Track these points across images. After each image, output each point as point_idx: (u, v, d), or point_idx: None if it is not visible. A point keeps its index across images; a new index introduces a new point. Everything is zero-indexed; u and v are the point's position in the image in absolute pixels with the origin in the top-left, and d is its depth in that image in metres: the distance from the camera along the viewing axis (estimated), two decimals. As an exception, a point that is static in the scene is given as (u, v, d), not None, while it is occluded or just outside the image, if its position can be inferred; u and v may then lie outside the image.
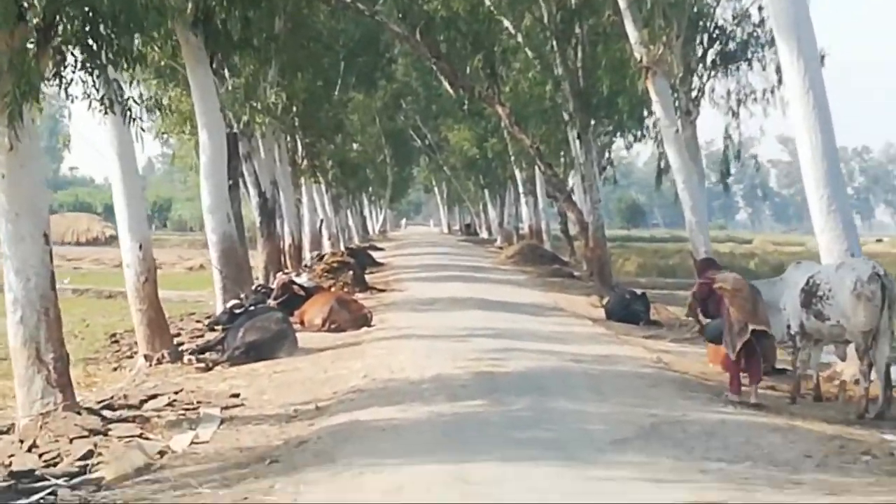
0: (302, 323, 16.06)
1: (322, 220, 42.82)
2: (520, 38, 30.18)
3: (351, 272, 22.80)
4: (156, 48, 17.66)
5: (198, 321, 19.22)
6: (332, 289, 22.07)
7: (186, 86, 18.95)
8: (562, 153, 40.25)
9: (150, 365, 12.77)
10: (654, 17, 15.67)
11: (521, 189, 49.57)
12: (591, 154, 26.86)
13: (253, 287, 17.77)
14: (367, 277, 27.07)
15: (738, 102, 18.72)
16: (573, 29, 24.98)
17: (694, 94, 17.62)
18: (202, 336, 16.14)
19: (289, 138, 32.60)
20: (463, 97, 47.64)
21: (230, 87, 23.51)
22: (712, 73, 18.37)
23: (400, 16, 32.47)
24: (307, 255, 32.83)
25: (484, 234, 71.34)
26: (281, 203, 30.04)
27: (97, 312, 23.68)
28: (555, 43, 25.02)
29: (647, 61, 15.74)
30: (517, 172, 48.56)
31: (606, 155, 36.74)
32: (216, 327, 14.08)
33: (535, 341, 13.81)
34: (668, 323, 19.45)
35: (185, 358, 13.04)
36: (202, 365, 12.49)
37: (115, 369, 14.17)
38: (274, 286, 17.66)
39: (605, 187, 29.32)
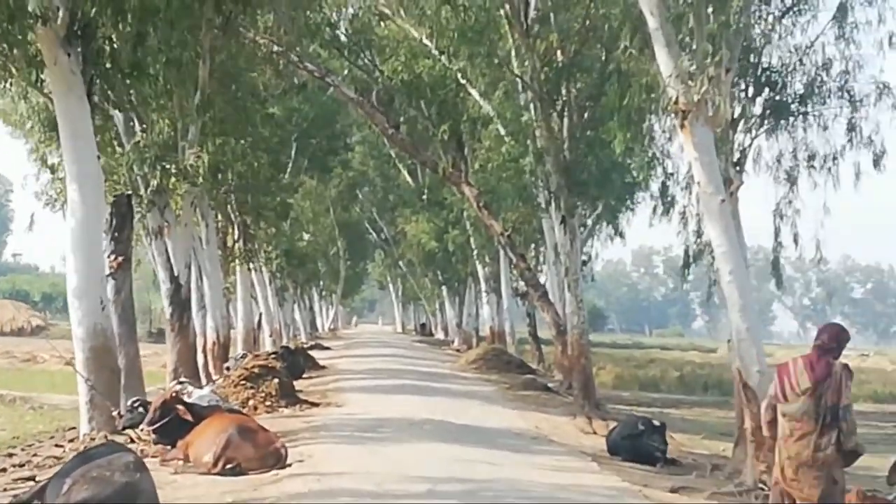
0: (187, 459, 11.06)
1: (261, 315, 38.08)
2: (490, 110, 26.05)
3: (276, 380, 17.75)
4: (11, 67, 13.13)
5: (59, 446, 14.11)
6: (252, 401, 17.23)
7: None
8: (532, 245, 36.11)
9: None
10: (699, 39, 11.14)
11: (483, 286, 44.97)
12: (575, 243, 22.38)
13: (130, 403, 12.77)
14: (304, 383, 22.22)
15: (794, 168, 13.92)
16: (559, 91, 20.68)
17: (736, 156, 13.02)
18: (55, 467, 11.00)
19: (219, 216, 27.83)
20: (422, 186, 43.96)
21: (142, 144, 18.88)
22: (760, 128, 13.69)
23: (355, 88, 28.37)
24: (239, 352, 27.71)
25: (440, 335, 66.63)
26: (204, 292, 25.12)
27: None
28: (539, 106, 20.62)
29: (684, 103, 11.22)
30: (479, 268, 44.17)
31: (589, 247, 32.42)
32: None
33: (534, 509, 8.96)
34: (687, 461, 14.80)
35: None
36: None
37: None
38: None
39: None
